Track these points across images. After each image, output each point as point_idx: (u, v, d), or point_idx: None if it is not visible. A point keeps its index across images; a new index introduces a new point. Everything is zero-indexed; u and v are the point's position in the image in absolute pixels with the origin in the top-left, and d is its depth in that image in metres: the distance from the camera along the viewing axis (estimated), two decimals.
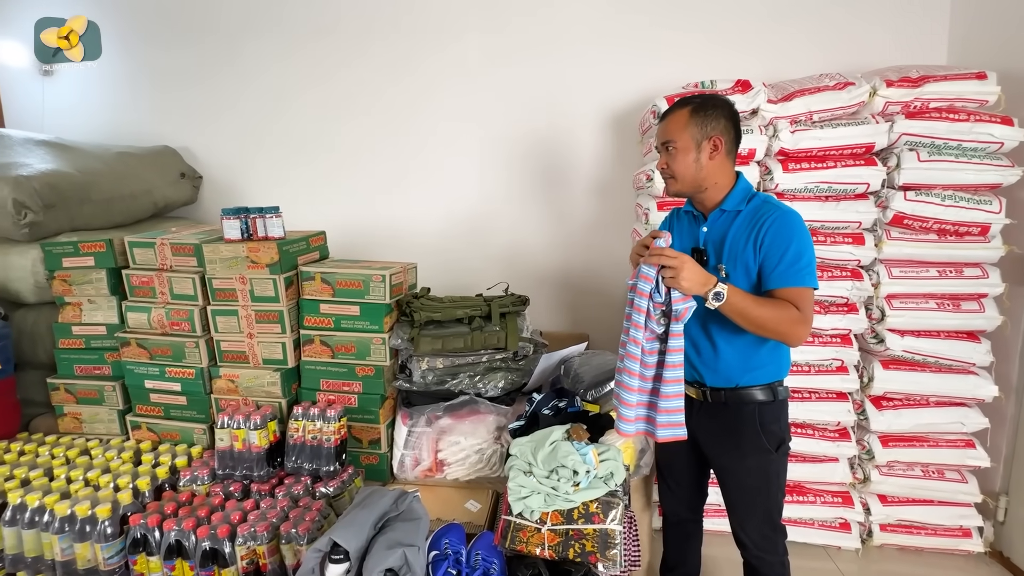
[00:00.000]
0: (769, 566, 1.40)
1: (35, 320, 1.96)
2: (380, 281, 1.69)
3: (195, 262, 1.73)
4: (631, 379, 1.21)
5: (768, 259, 1.21)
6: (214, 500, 1.50)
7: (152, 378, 1.77)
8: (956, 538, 1.93)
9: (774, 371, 1.31)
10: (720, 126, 1.24)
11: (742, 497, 1.38)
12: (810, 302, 1.21)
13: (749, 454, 1.32)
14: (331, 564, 1.04)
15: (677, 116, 1.26)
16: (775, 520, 1.38)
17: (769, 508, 1.36)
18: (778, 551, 1.40)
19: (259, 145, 2.55)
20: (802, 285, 1.20)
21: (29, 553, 1.43)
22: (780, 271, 1.20)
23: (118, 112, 2.62)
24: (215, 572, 1.36)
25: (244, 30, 2.46)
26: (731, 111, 1.26)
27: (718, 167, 1.27)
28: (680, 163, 1.26)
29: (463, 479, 1.68)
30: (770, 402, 1.30)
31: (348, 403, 1.73)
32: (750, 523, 1.39)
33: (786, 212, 1.24)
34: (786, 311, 1.18)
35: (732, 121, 1.26)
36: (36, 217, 1.84)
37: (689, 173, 1.27)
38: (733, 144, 1.28)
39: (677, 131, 1.26)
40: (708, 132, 1.24)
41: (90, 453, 1.69)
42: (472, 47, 2.34)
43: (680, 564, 1.60)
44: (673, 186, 1.31)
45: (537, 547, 1.21)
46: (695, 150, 1.25)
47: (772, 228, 1.21)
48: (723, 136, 1.25)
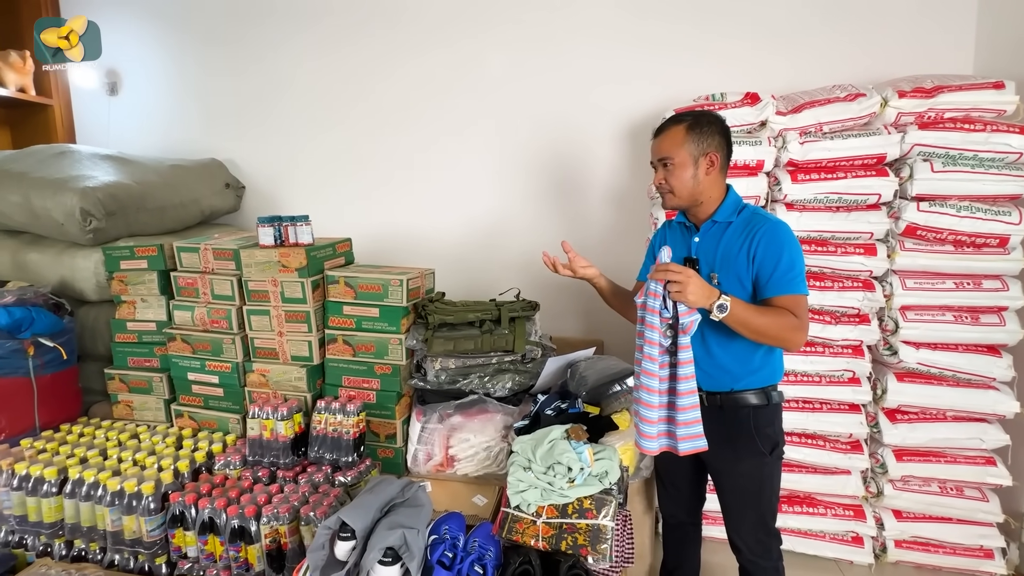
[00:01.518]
0: (763, 571, 1.43)
1: (96, 316, 2.18)
2: (398, 285, 1.81)
3: (233, 265, 1.89)
4: (650, 396, 1.23)
5: (763, 269, 1.27)
6: (244, 483, 1.64)
7: (194, 371, 1.94)
8: (977, 558, 1.88)
9: (768, 375, 1.36)
10: (715, 142, 1.30)
11: (736, 500, 1.42)
12: (805, 308, 1.28)
13: (744, 457, 1.36)
14: (339, 541, 1.15)
15: (673, 133, 1.32)
16: (769, 524, 1.41)
17: (763, 512, 1.40)
18: (772, 556, 1.42)
19: (296, 158, 2.74)
20: (797, 292, 1.26)
21: (85, 523, 1.60)
22: (775, 280, 1.26)
23: (172, 127, 2.86)
24: (242, 548, 1.49)
25: (283, 55, 2.65)
26: (723, 127, 1.32)
27: (713, 182, 1.33)
28: (678, 179, 1.32)
29: (472, 474, 1.77)
30: (764, 406, 1.34)
31: (367, 399, 1.84)
32: (744, 527, 1.42)
33: (776, 223, 1.29)
34: (785, 318, 1.23)
35: (725, 137, 1.32)
36: (99, 224, 2.06)
37: (687, 188, 1.32)
38: (726, 159, 1.34)
39: (674, 148, 1.31)
40: (704, 148, 1.30)
41: (139, 437, 1.87)
42: (492, 62, 2.46)
43: (679, 567, 1.64)
44: (671, 201, 1.37)
45: (532, 538, 1.29)
46: (692, 166, 1.31)
47: (764, 239, 1.27)
48: (718, 152, 1.31)
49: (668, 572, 1.66)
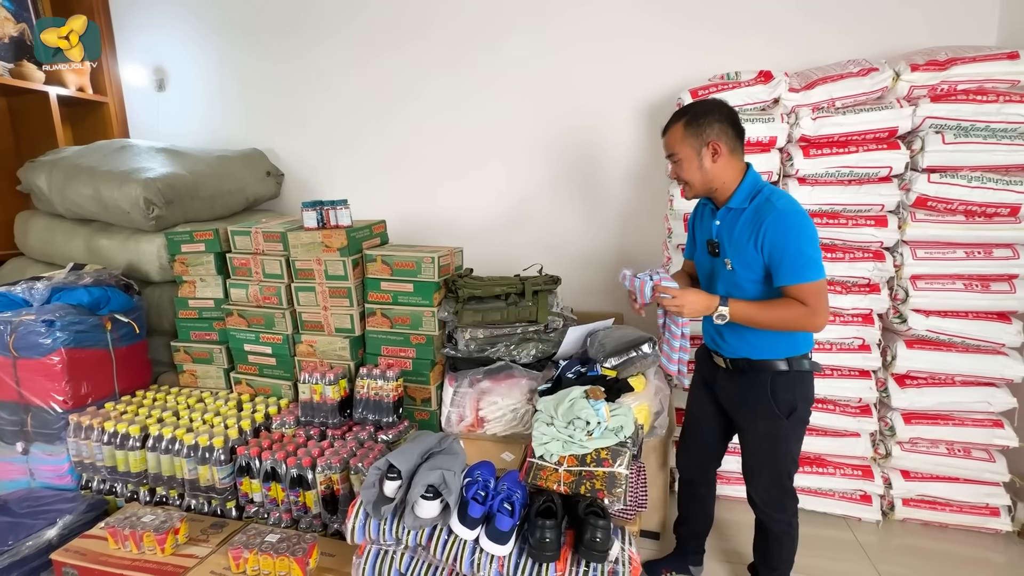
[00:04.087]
0: (775, 522, 1.54)
1: (160, 296, 2.42)
2: (430, 263, 1.96)
3: (281, 247, 2.08)
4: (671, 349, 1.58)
5: (772, 260, 1.32)
6: (299, 440, 1.85)
7: (249, 343, 2.15)
8: (983, 516, 1.96)
9: (788, 348, 1.41)
10: (715, 131, 1.35)
11: (753, 457, 1.53)
12: (818, 294, 1.29)
13: (761, 417, 1.46)
14: (388, 480, 1.33)
15: (674, 131, 1.41)
16: (784, 483, 1.50)
17: (778, 471, 1.49)
18: (787, 511, 1.53)
19: (331, 146, 2.91)
20: (806, 281, 1.28)
21: (165, 472, 1.84)
22: (784, 270, 1.30)
23: (215, 120, 3.06)
24: (300, 493, 1.70)
25: (320, 46, 2.80)
26: (724, 112, 1.37)
27: (722, 168, 1.38)
28: (687, 171, 1.41)
29: (500, 434, 1.94)
30: (785, 372, 1.41)
31: (404, 367, 2.02)
32: (760, 482, 1.53)
33: (782, 211, 1.30)
34: (791, 310, 1.29)
35: (728, 121, 1.36)
36: (160, 212, 2.27)
37: (697, 179, 1.40)
38: (734, 141, 1.38)
39: (676, 144, 1.41)
40: (705, 139, 1.36)
41: (204, 401, 2.10)
42: (516, 52, 2.55)
43: (690, 519, 1.77)
44: (688, 192, 1.46)
45: (554, 484, 1.44)
46: (697, 158, 1.38)
47: (770, 230, 1.30)
48: (720, 139, 1.35)
49: (681, 523, 1.80)
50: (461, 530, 1.26)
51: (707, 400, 1.61)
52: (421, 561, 1.34)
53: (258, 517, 1.78)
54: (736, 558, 1.90)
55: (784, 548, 1.56)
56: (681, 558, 1.80)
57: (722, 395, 1.55)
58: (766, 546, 1.59)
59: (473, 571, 1.25)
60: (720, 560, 1.88)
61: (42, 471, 2.00)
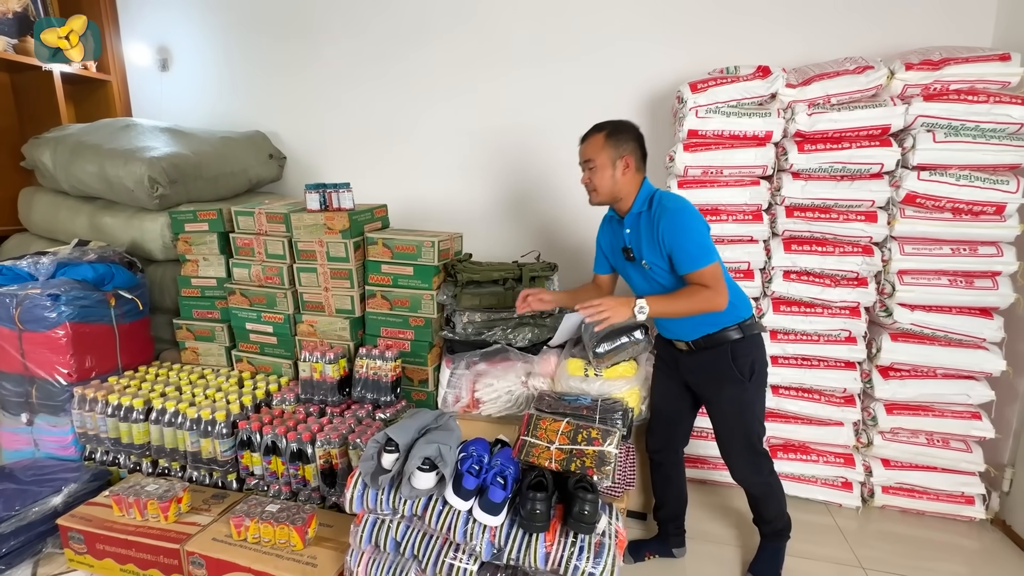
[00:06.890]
0: (757, 487, 1.67)
1: (163, 274, 2.45)
2: (431, 247, 2.00)
3: (284, 228, 2.11)
4: None
5: (672, 253, 1.49)
6: (299, 416, 1.90)
7: (251, 321, 2.20)
8: (958, 504, 2.03)
9: (732, 316, 1.54)
10: (629, 147, 1.52)
11: (723, 424, 1.64)
12: (715, 275, 1.45)
13: (726, 384, 1.58)
14: (386, 453, 1.38)
15: (595, 140, 1.55)
16: (756, 445, 1.62)
17: (748, 433, 1.61)
18: (763, 472, 1.64)
19: (334, 130, 2.93)
20: (703, 266, 1.44)
21: (168, 445, 1.89)
22: (684, 260, 1.46)
23: (218, 101, 3.07)
24: (300, 467, 1.76)
25: (323, 30, 2.81)
26: (637, 134, 1.55)
27: (628, 181, 1.55)
28: (599, 178, 1.55)
29: (495, 415, 1.99)
30: (740, 339, 1.55)
31: (403, 348, 2.07)
32: (734, 449, 1.64)
33: (673, 211, 1.47)
34: (697, 294, 1.44)
35: (639, 143, 1.55)
36: (164, 191, 2.30)
37: (606, 187, 1.55)
38: (640, 161, 1.57)
39: (595, 152, 1.54)
40: (620, 152, 1.52)
41: (206, 377, 2.15)
42: (516, 40, 2.57)
43: (667, 502, 1.85)
44: (595, 198, 1.60)
45: (546, 461, 1.50)
46: (611, 168, 1.53)
47: (665, 228, 1.47)
48: (632, 156, 1.53)
49: (658, 508, 1.87)
50: (455, 501, 1.32)
51: (671, 380, 1.73)
52: (416, 530, 1.40)
53: (258, 489, 1.83)
54: (717, 539, 1.97)
55: (772, 504, 1.70)
56: (663, 542, 1.87)
57: (687, 373, 1.67)
58: (756, 506, 1.74)
59: (466, 540, 1.31)
60: (702, 541, 1.95)
61: (46, 442, 2.05)
